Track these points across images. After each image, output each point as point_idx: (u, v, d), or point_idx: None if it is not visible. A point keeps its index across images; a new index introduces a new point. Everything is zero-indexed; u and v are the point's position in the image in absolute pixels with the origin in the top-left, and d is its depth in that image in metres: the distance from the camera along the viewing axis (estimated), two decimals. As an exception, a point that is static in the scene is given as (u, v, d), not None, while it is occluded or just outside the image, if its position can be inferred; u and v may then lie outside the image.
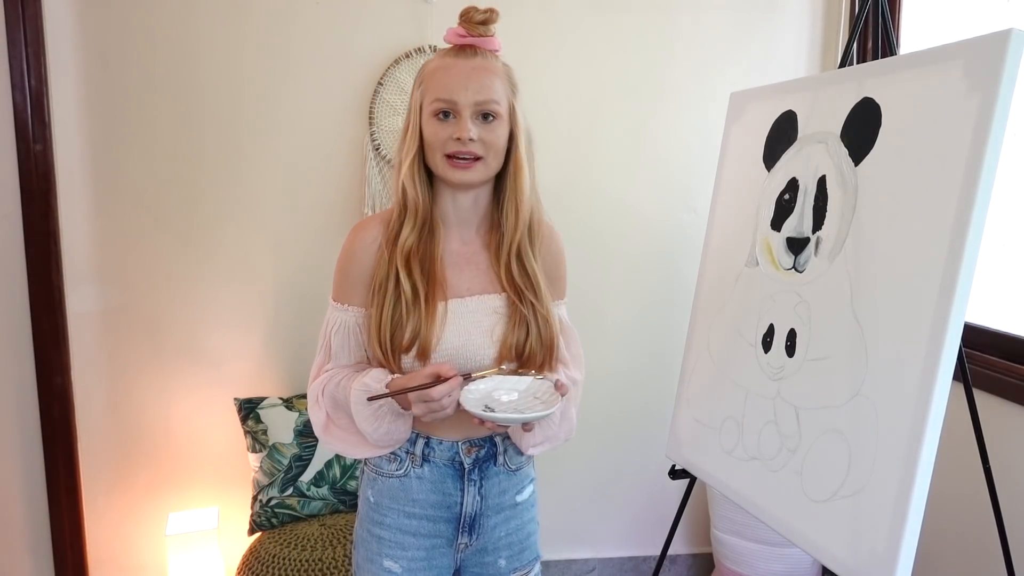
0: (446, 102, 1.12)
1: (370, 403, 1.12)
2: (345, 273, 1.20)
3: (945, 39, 1.24)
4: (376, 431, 1.15)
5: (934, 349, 1.13)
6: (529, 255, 1.20)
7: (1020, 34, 1.10)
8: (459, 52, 1.16)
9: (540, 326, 1.18)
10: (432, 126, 1.14)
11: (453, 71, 1.13)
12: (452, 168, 1.13)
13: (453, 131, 1.12)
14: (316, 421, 1.22)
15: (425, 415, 1.08)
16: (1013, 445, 1.72)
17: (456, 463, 1.21)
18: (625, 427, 2.42)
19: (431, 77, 1.15)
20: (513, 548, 1.27)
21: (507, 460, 1.25)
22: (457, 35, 1.16)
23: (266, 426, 2.07)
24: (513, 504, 1.27)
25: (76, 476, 2.14)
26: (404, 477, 1.21)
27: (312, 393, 1.21)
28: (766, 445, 1.47)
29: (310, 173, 2.18)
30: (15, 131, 2.00)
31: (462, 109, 1.12)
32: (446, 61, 1.15)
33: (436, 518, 1.22)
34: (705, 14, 2.30)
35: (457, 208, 1.20)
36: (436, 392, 1.05)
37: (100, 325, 2.14)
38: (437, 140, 1.13)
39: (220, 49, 2.10)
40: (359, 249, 1.19)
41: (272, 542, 1.96)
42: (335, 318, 1.21)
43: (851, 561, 1.22)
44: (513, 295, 1.19)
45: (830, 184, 1.40)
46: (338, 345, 1.21)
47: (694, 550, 2.55)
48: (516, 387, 1.14)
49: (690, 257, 2.24)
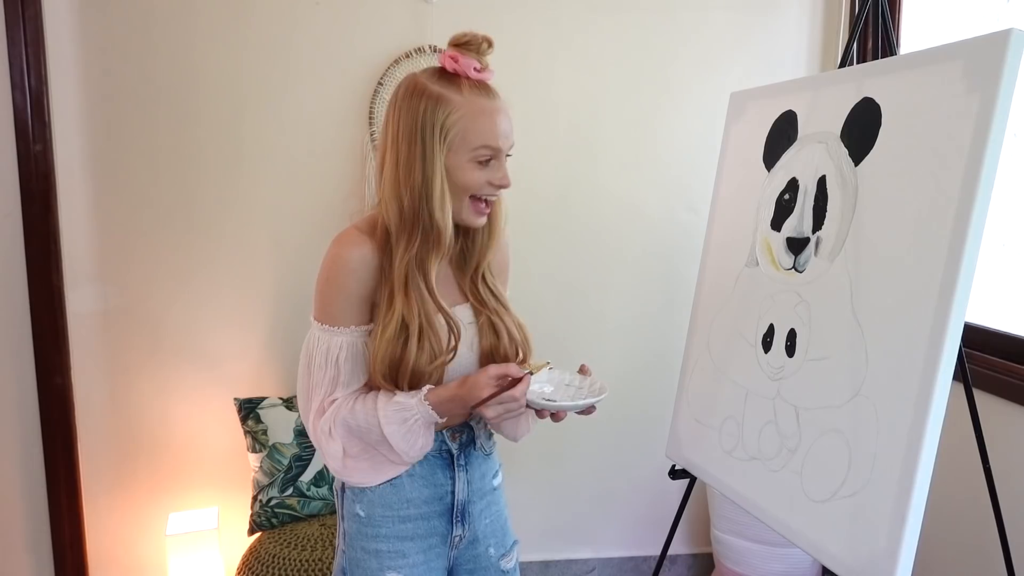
0: (494, 149, 1.12)
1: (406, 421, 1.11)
2: (344, 291, 1.13)
3: (945, 39, 1.24)
4: (412, 447, 1.14)
5: (934, 349, 1.13)
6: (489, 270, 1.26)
7: (1020, 34, 1.10)
8: (482, 91, 1.12)
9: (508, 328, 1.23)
10: (471, 172, 1.12)
11: (495, 117, 1.12)
12: (477, 214, 1.17)
13: (493, 176, 1.14)
14: (333, 455, 1.16)
15: (501, 416, 1.11)
16: (1013, 445, 1.72)
17: (444, 452, 1.23)
18: (625, 427, 2.42)
19: (472, 120, 1.10)
20: (497, 535, 1.30)
21: (482, 444, 1.28)
22: (474, 70, 1.12)
23: (266, 426, 2.07)
24: (492, 489, 1.31)
25: (76, 476, 2.14)
26: (396, 479, 1.20)
27: (322, 428, 1.15)
28: (766, 445, 1.47)
29: (310, 173, 2.18)
30: (15, 131, 2.00)
31: (500, 155, 1.14)
32: (480, 104, 1.11)
33: (430, 515, 1.22)
34: (706, 14, 2.30)
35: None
36: (518, 391, 1.09)
37: (100, 325, 2.14)
38: (474, 185, 1.13)
39: (220, 49, 2.10)
40: (357, 266, 1.13)
41: (272, 542, 1.96)
42: (336, 342, 1.13)
43: (851, 561, 1.22)
44: (477, 304, 1.24)
45: (830, 184, 1.40)
46: (349, 371, 1.15)
47: (694, 550, 2.55)
48: (549, 380, 1.25)
49: (690, 257, 2.24)
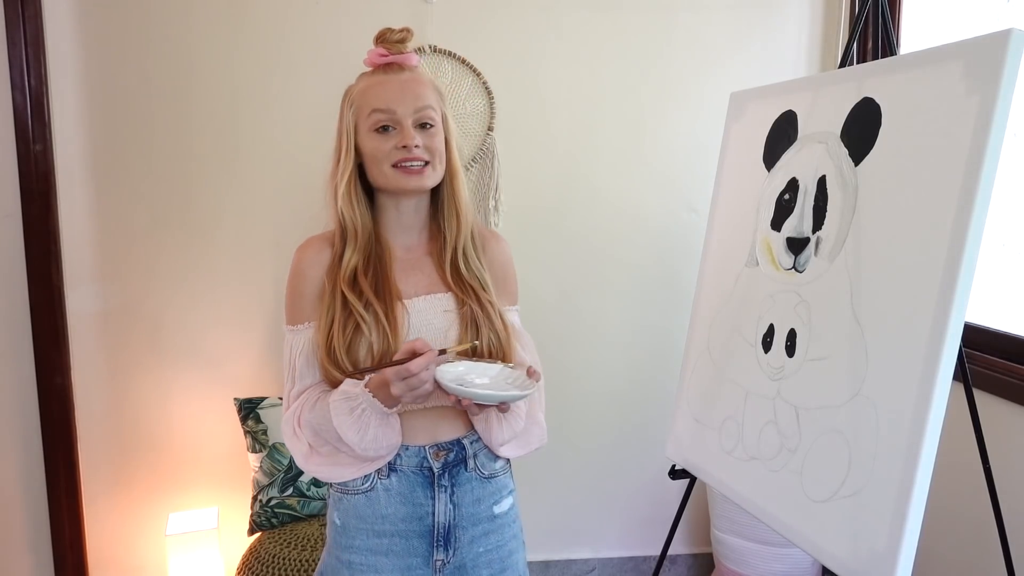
0: (385, 112, 1.16)
1: (353, 411, 1.10)
2: (297, 293, 1.20)
3: (945, 39, 1.24)
4: (363, 439, 1.11)
5: (934, 349, 1.13)
6: (473, 255, 1.23)
7: (1020, 34, 1.10)
8: (385, 70, 1.20)
9: (493, 324, 1.19)
10: (373, 141, 1.17)
11: (387, 85, 1.18)
12: (405, 175, 1.16)
13: (398, 140, 1.15)
14: (297, 452, 1.18)
15: (405, 394, 1.06)
16: (1013, 445, 1.72)
17: (425, 469, 1.17)
18: (625, 427, 2.42)
19: (363, 95, 1.19)
20: (494, 566, 1.21)
21: (478, 465, 1.21)
22: (379, 55, 1.21)
23: (266, 426, 2.07)
24: (491, 516, 1.22)
25: (76, 476, 2.14)
26: (370, 492, 1.17)
27: (288, 426, 1.18)
28: (766, 445, 1.47)
29: (309, 173, 2.17)
30: (15, 131, 2.00)
31: (403, 119, 1.16)
32: (376, 78, 1.19)
33: (408, 533, 1.17)
34: (705, 14, 2.30)
35: (400, 217, 1.23)
36: (414, 366, 1.04)
37: (100, 325, 2.14)
38: (381, 153, 1.16)
39: (220, 49, 2.10)
40: (306, 267, 1.20)
41: (272, 542, 1.96)
42: (296, 341, 1.19)
43: (851, 561, 1.22)
44: (459, 292, 1.20)
45: (830, 184, 1.40)
46: (303, 364, 1.18)
47: (694, 550, 2.55)
48: (487, 373, 1.14)
49: (690, 257, 2.24)
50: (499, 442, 1.20)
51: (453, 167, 1.22)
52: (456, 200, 1.23)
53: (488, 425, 1.19)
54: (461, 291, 1.20)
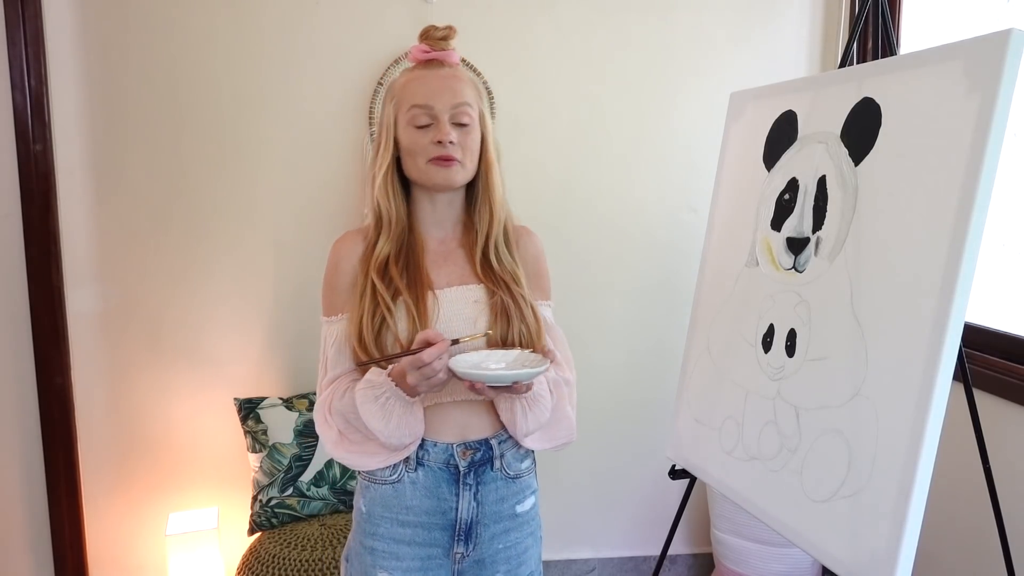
0: (424, 107, 1.18)
1: (377, 399, 1.12)
2: (331, 285, 1.24)
3: (945, 39, 1.24)
4: (387, 426, 1.13)
5: (934, 349, 1.13)
6: (505, 250, 1.25)
7: (1020, 34, 1.10)
8: (426, 66, 1.23)
9: (523, 315, 1.21)
10: (411, 134, 1.19)
11: (427, 80, 1.20)
12: (438, 168, 1.18)
13: (434, 136, 1.18)
14: (328, 439, 1.21)
15: (420, 383, 1.08)
16: (1013, 445, 1.72)
17: (451, 466, 1.20)
18: (625, 427, 2.42)
19: (404, 89, 1.21)
20: (512, 562, 1.25)
21: (504, 466, 1.23)
22: (422, 51, 1.24)
23: (266, 426, 2.07)
24: (513, 515, 1.25)
25: (76, 476, 2.14)
26: (397, 483, 1.20)
27: (319, 413, 1.22)
28: (766, 445, 1.47)
29: (310, 173, 2.18)
30: (15, 131, 2.00)
31: (440, 114, 1.18)
32: (416, 73, 1.22)
33: (431, 525, 1.20)
34: (705, 14, 2.30)
35: (435, 210, 1.25)
36: (427, 355, 1.06)
37: (100, 325, 2.14)
38: (418, 147, 1.18)
39: (220, 49, 2.10)
40: (340, 259, 1.24)
41: (272, 542, 1.96)
42: (330, 331, 1.23)
43: (851, 561, 1.22)
44: (490, 284, 1.22)
45: (830, 184, 1.40)
46: (335, 353, 1.22)
47: (694, 550, 2.55)
48: (504, 359, 1.15)
49: (690, 257, 2.24)
50: (524, 432, 1.22)
51: (489, 163, 1.24)
52: (490, 195, 1.24)
53: (513, 414, 1.20)
54: (492, 284, 1.22)
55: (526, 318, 1.21)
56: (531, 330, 1.21)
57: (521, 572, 1.27)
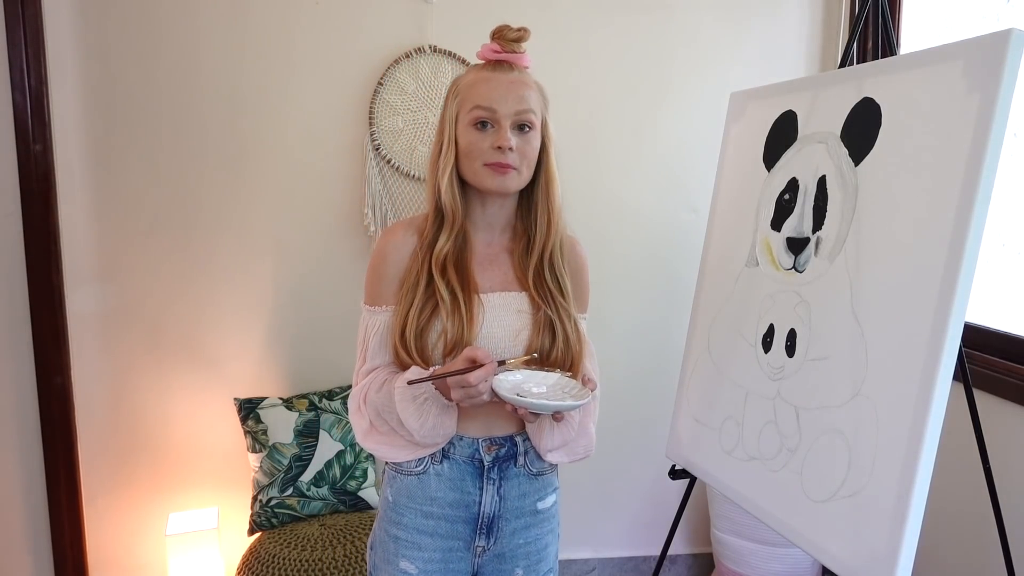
0: (486, 110, 1.16)
1: (416, 399, 1.13)
2: (378, 274, 1.22)
3: (945, 39, 1.24)
4: (423, 426, 1.15)
5: (934, 349, 1.13)
6: (559, 263, 1.24)
7: (1020, 34, 1.10)
8: (495, 67, 1.20)
9: (567, 332, 1.20)
10: (471, 135, 1.17)
11: (492, 83, 1.18)
12: (494, 174, 1.17)
13: (493, 140, 1.16)
14: (359, 428, 1.22)
15: (463, 400, 1.09)
16: (1013, 445, 1.72)
17: (476, 461, 1.21)
18: (625, 427, 2.42)
19: (469, 89, 1.19)
20: (531, 558, 1.27)
21: (528, 462, 1.25)
22: (492, 51, 1.21)
23: (266, 426, 2.07)
24: (534, 511, 1.27)
25: (76, 476, 2.14)
26: (423, 474, 1.21)
27: (354, 401, 1.22)
28: (766, 445, 1.47)
29: (310, 173, 2.18)
30: (15, 131, 1.99)
31: (502, 119, 1.16)
32: (483, 74, 1.20)
33: (454, 518, 1.22)
34: (706, 14, 2.30)
35: (486, 213, 1.24)
36: (473, 377, 1.06)
37: (100, 325, 2.14)
38: (476, 149, 1.17)
39: (220, 49, 2.10)
40: (390, 251, 1.22)
41: (272, 542, 1.96)
42: (373, 321, 1.22)
43: (851, 561, 1.22)
44: (536, 296, 1.21)
45: (830, 184, 1.40)
46: (376, 344, 1.21)
47: (694, 550, 2.55)
48: (544, 382, 1.16)
49: (690, 257, 2.23)
50: (547, 448, 1.23)
51: (550, 172, 1.24)
52: (550, 205, 1.23)
53: (540, 430, 1.22)
54: (539, 295, 1.21)
55: (569, 335, 1.20)
56: (572, 348, 1.21)
57: (540, 568, 1.29)
